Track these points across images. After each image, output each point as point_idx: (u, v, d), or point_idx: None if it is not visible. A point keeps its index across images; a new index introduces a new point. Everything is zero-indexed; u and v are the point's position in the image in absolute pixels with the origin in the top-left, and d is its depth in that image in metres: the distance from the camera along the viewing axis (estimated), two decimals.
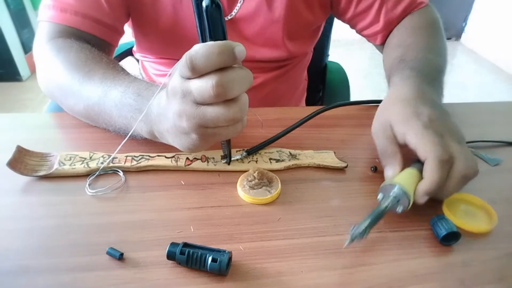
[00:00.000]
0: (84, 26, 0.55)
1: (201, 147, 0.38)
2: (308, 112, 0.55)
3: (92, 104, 0.47)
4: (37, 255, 0.35)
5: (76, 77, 0.48)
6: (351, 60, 2.84)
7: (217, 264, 0.33)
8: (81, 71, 0.49)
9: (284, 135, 0.50)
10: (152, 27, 0.63)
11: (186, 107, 0.34)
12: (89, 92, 0.47)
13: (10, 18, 2.28)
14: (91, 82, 0.47)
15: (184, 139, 0.37)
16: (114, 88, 0.45)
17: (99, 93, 0.46)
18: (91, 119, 0.51)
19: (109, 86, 0.46)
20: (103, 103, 0.46)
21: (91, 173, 0.45)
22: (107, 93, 0.46)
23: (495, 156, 0.52)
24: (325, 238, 0.38)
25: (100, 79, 0.47)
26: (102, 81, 0.47)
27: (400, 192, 0.39)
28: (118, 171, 0.45)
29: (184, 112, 0.35)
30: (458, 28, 3.13)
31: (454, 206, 0.43)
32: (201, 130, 0.35)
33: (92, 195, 0.42)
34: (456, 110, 0.65)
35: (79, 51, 0.51)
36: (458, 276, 0.35)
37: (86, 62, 0.50)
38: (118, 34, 0.61)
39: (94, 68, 0.49)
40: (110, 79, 0.47)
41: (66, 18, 0.54)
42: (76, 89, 0.48)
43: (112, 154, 0.46)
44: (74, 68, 0.49)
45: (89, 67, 0.49)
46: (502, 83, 2.55)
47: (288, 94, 0.77)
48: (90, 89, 0.47)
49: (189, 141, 0.37)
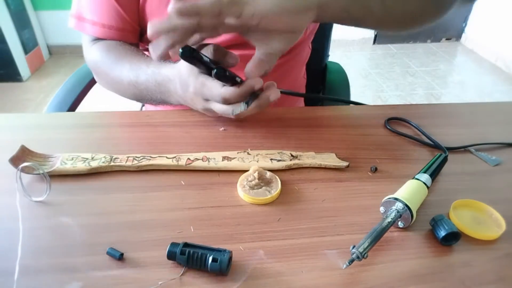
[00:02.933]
0: (111, 34, 0.65)
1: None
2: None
3: (133, 89, 0.59)
4: (37, 255, 0.35)
5: (118, 68, 0.61)
6: (351, 60, 2.84)
7: (218, 264, 0.33)
8: (123, 66, 0.60)
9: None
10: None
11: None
12: (127, 81, 0.59)
13: (10, 18, 2.28)
14: (126, 72, 0.59)
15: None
16: (141, 76, 0.57)
17: (134, 80, 0.58)
18: (140, 99, 0.63)
19: (137, 76, 0.57)
20: (139, 87, 0.58)
21: (92, 172, 0.45)
22: (138, 78, 0.58)
23: (495, 157, 0.52)
24: (325, 238, 0.38)
25: (128, 70, 0.59)
26: (131, 70, 0.59)
27: (403, 207, 0.38)
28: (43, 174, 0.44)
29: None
30: (458, 28, 3.13)
31: (460, 213, 0.42)
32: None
33: (93, 195, 0.42)
34: (456, 110, 0.65)
35: (115, 48, 0.63)
36: (458, 276, 0.35)
37: (121, 57, 0.62)
38: (138, 32, 0.69)
39: (128, 60, 0.60)
40: (136, 69, 0.58)
41: (96, 30, 0.64)
42: (120, 79, 0.60)
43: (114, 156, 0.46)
44: (118, 62, 0.61)
45: (123, 60, 0.61)
46: (502, 83, 2.55)
47: (285, 87, 0.77)
48: (127, 78, 0.59)
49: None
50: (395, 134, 0.56)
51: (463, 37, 3.15)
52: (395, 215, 0.38)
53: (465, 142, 0.54)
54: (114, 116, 0.58)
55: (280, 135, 0.54)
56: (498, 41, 2.76)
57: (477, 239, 0.39)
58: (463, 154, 0.52)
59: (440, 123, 0.59)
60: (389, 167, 0.49)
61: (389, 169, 0.48)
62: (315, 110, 0.62)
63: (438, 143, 0.52)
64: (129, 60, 0.60)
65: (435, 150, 0.53)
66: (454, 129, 0.58)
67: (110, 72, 0.62)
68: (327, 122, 0.59)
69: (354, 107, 0.65)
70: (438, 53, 2.97)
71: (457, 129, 0.58)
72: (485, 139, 0.55)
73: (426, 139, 0.54)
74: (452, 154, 0.51)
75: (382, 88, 2.44)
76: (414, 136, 0.55)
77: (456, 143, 0.53)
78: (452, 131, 0.57)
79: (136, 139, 0.52)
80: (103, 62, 0.63)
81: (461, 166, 0.50)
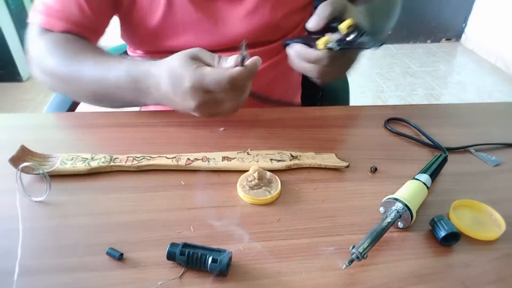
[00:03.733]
0: (69, 29, 0.59)
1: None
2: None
3: (95, 88, 0.54)
4: (37, 255, 0.35)
5: (75, 63, 0.54)
6: None
7: (218, 264, 0.32)
8: (79, 60, 0.55)
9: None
10: (144, 24, 0.64)
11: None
12: (89, 78, 0.53)
13: (10, 19, 2.27)
14: (87, 68, 0.54)
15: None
16: (109, 72, 0.52)
17: (98, 78, 0.53)
18: (98, 100, 0.57)
19: (104, 70, 0.53)
20: (104, 86, 0.53)
21: (92, 172, 0.45)
22: (104, 76, 0.53)
23: (495, 157, 0.52)
24: (325, 238, 0.38)
25: (93, 65, 0.54)
26: (96, 66, 0.54)
27: (403, 207, 0.38)
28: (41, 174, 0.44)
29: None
30: (458, 29, 3.13)
31: (460, 213, 0.42)
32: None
33: (93, 195, 0.42)
34: (456, 110, 0.65)
35: (72, 42, 0.57)
36: (458, 276, 0.35)
37: (80, 51, 0.56)
38: (100, 34, 0.65)
39: (88, 56, 0.55)
40: (103, 64, 0.53)
41: (51, 23, 0.58)
42: (77, 76, 0.54)
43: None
44: (72, 57, 0.55)
45: (84, 55, 0.55)
46: (502, 83, 2.55)
47: (282, 86, 0.77)
48: (88, 75, 0.54)
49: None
50: (395, 135, 0.56)
51: (463, 37, 3.15)
52: (395, 216, 0.38)
53: (465, 142, 0.54)
54: (114, 116, 0.57)
55: (280, 135, 0.54)
56: (498, 42, 2.76)
57: (477, 240, 0.39)
58: (463, 154, 0.52)
59: (440, 123, 0.59)
60: (389, 167, 0.49)
61: (389, 169, 0.48)
62: (315, 110, 0.62)
63: (438, 144, 0.52)
64: (92, 56, 0.55)
65: (435, 150, 0.53)
66: (454, 129, 0.58)
67: (62, 67, 0.55)
68: (327, 122, 0.59)
69: (354, 107, 0.65)
70: (438, 54, 2.97)
71: (457, 129, 0.58)
72: (485, 139, 0.55)
73: (426, 140, 0.54)
74: (452, 154, 0.51)
75: (382, 89, 2.44)
76: (414, 137, 0.55)
77: (456, 143, 0.53)
78: (452, 131, 0.57)
79: (136, 139, 0.52)
80: (54, 55, 0.56)
81: (461, 166, 0.50)
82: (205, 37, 0.55)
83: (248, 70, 0.45)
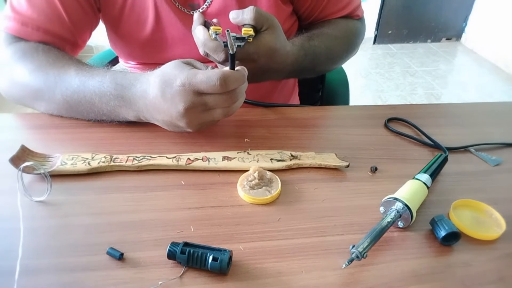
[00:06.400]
0: (46, 40, 0.56)
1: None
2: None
3: (71, 94, 0.51)
4: (37, 255, 0.35)
5: (51, 73, 0.52)
6: (350, 60, 2.83)
7: (218, 263, 0.33)
8: (54, 67, 0.52)
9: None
10: (133, 36, 0.63)
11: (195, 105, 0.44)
12: (67, 83, 0.51)
13: None
14: (67, 74, 0.51)
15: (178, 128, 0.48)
16: (91, 78, 0.50)
17: (77, 83, 0.50)
18: (70, 109, 0.53)
19: (86, 76, 0.50)
20: (83, 91, 0.50)
21: (92, 172, 0.45)
22: (85, 82, 0.50)
23: (495, 157, 0.52)
24: (325, 238, 0.38)
25: (75, 71, 0.51)
26: (78, 72, 0.51)
27: (403, 207, 0.39)
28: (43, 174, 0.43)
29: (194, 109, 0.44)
30: (458, 28, 3.13)
31: (461, 213, 0.42)
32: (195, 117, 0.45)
33: (93, 195, 0.42)
34: (456, 110, 0.65)
35: (46, 51, 0.54)
36: (458, 276, 0.35)
37: (57, 59, 0.53)
38: (78, 47, 0.63)
39: (68, 63, 0.53)
40: (86, 71, 0.51)
41: (28, 32, 0.55)
42: (52, 82, 0.51)
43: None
44: (46, 66, 0.52)
45: (62, 63, 0.53)
46: (502, 83, 2.55)
47: (276, 88, 0.77)
48: (67, 80, 0.51)
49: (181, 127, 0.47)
50: (395, 134, 0.56)
51: (463, 37, 3.15)
52: (395, 215, 0.38)
53: (465, 142, 0.54)
54: None
55: (280, 135, 0.54)
56: (498, 41, 2.76)
57: (477, 239, 0.39)
58: (463, 154, 0.52)
59: (440, 123, 0.59)
60: (389, 167, 0.49)
61: (389, 169, 0.48)
62: (315, 110, 0.62)
63: (438, 143, 0.52)
64: (75, 64, 0.53)
65: (435, 150, 0.53)
66: (454, 129, 0.58)
67: (35, 75, 0.52)
68: (327, 122, 0.59)
69: (354, 107, 0.65)
70: (438, 53, 2.97)
71: (457, 129, 0.58)
72: (485, 139, 0.55)
73: (426, 139, 0.54)
74: (452, 154, 0.51)
75: (382, 88, 2.43)
76: (414, 136, 0.55)
77: (456, 143, 0.53)
78: (452, 131, 0.57)
79: (136, 139, 0.52)
80: (27, 62, 0.53)
81: (461, 166, 0.50)
82: (195, 50, 0.54)
83: (239, 72, 0.44)
